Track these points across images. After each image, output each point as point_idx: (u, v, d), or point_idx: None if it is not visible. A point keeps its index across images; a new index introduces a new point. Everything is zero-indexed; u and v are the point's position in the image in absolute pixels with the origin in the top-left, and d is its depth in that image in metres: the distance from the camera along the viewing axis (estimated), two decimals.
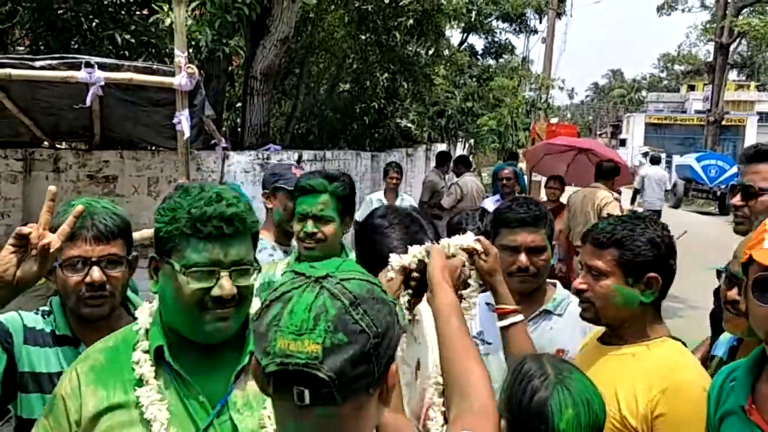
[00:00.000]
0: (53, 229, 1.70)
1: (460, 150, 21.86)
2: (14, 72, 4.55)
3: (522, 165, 14.66)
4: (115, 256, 1.88)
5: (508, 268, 2.32)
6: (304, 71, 13.28)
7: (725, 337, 2.27)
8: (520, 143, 18.98)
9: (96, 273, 1.83)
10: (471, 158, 18.61)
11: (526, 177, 13.28)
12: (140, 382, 1.48)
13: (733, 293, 1.91)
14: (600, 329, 2.06)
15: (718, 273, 2.10)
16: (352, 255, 2.69)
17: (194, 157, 6.56)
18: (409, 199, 7.63)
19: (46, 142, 6.67)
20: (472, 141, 20.58)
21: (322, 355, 0.96)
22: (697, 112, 44.84)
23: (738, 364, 1.66)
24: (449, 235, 2.80)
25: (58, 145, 6.89)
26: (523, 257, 2.36)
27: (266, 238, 3.19)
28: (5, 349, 1.82)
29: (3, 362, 1.80)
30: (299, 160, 7.46)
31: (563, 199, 7.29)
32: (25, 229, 1.54)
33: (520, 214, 2.42)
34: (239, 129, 10.18)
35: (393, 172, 7.27)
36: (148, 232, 4.01)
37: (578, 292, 1.96)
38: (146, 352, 1.52)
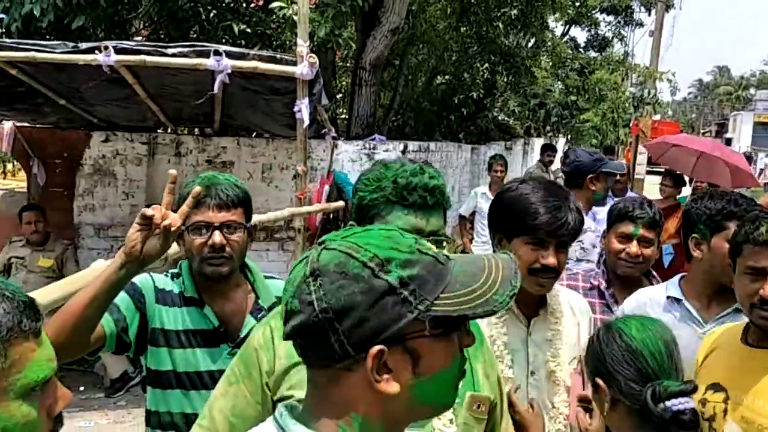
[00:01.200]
0: (180, 200, 1.88)
1: (559, 145, 21.43)
2: (148, 59, 4.76)
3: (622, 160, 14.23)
4: (235, 222, 2.06)
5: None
6: (404, 63, 13.33)
7: None
8: (619, 139, 18.41)
9: (217, 236, 2.02)
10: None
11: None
12: None
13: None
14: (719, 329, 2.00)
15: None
16: None
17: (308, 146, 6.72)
18: None
19: (169, 128, 6.99)
20: (570, 135, 20.12)
21: (285, 317, 0.99)
22: None
23: None
24: (611, 225, 2.77)
25: (180, 131, 7.19)
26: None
27: None
28: (138, 307, 2.03)
29: (137, 319, 2.02)
30: (404, 151, 7.52)
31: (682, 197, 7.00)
32: (149, 211, 1.66)
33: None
34: (337, 120, 10.36)
35: (498, 165, 7.20)
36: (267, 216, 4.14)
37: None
38: None
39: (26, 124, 6.79)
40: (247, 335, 1.97)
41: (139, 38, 8.94)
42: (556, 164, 9.75)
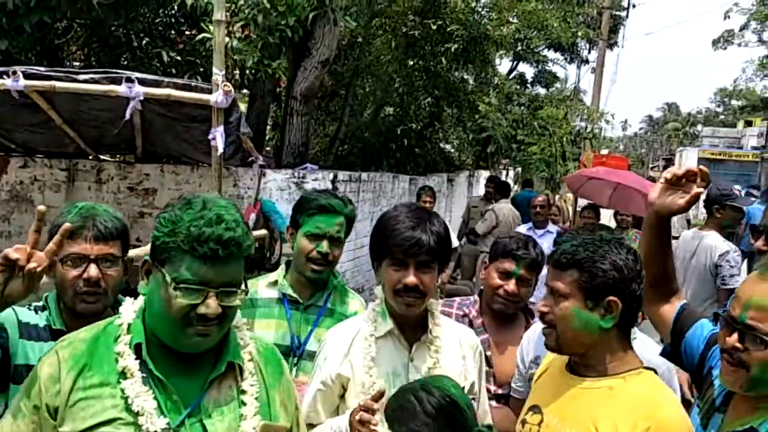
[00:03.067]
0: (53, 229, 1.85)
1: (508, 178, 21.75)
2: (59, 84, 4.75)
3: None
4: (112, 255, 2.01)
5: None
6: (349, 94, 13.45)
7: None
8: (569, 173, 18.79)
9: (93, 270, 1.97)
10: (515, 186, 18.52)
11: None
12: (123, 375, 1.53)
13: (732, 339, 1.72)
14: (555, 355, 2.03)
15: (716, 316, 1.96)
16: (341, 278, 2.73)
17: (231, 174, 6.70)
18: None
19: (90, 154, 6.91)
20: (519, 169, 20.47)
21: None
22: (754, 148, 43.72)
23: None
24: (494, 258, 2.81)
25: (101, 157, 7.11)
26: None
27: None
28: None
29: None
30: (334, 180, 7.55)
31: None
32: (12, 254, 1.61)
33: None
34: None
35: (426, 195, 7.29)
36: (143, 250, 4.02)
37: (541, 315, 1.90)
38: (128, 345, 1.56)
39: None
40: None
41: (76, 63, 8.88)
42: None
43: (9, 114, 5.46)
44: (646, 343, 2.46)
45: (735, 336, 1.71)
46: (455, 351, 2.19)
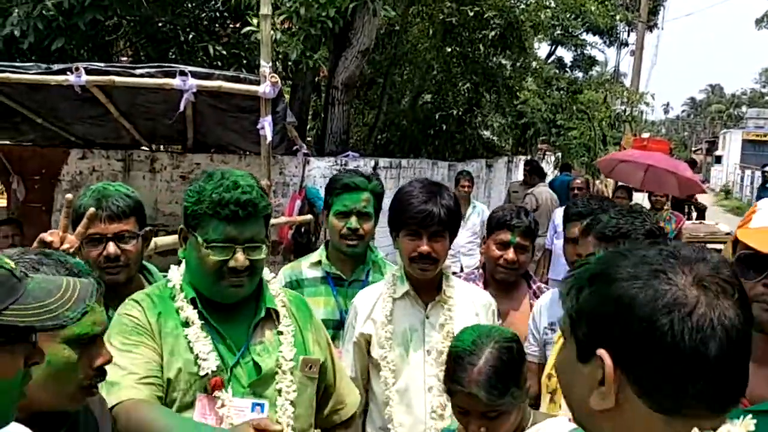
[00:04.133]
0: (74, 213, 2.10)
1: (546, 163, 21.71)
2: (117, 79, 5.02)
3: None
4: (128, 232, 2.21)
5: None
6: (387, 82, 13.62)
7: None
8: None
9: (111, 247, 2.16)
10: (555, 171, 18.48)
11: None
12: (186, 324, 1.82)
13: None
14: None
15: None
16: (379, 253, 2.93)
17: (277, 162, 6.96)
18: (481, 206, 7.78)
19: (144, 145, 7.23)
20: (559, 154, 20.42)
21: None
22: None
23: None
24: (490, 231, 3.00)
25: (155, 148, 7.44)
26: None
27: None
28: None
29: None
30: (375, 167, 7.76)
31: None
32: (47, 237, 1.86)
33: (578, 208, 2.83)
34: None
35: (464, 180, 7.46)
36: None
37: None
38: (185, 300, 1.86)
39: (6, 143, 7.03)
40: None
41: (124, 59, 9.24)
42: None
43: (69, 108, 5.78)
44: None
45: None
46: (468, 309, 2.42)
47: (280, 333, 1.91)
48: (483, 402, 1.65)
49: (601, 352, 0.86)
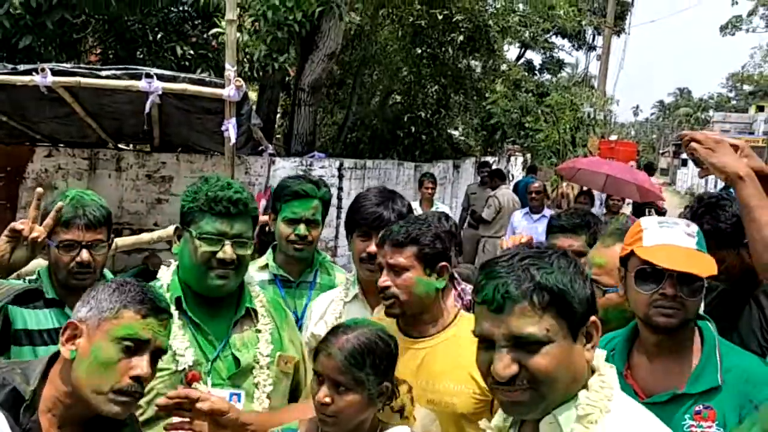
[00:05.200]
0: (46, 214, 2.23)
1: (515, 165, 22.00)
2: (83, 80, 5.11)
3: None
4: (100, 241, 2.30)
5: None
6: (357, 82, 13.76)
7: None
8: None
9: (85, 254, 2.24)
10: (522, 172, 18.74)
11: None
12: None
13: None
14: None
15: None
16: (326, 255, 3.05)
17: (243, 162, 7.08)
18: (444, 207, 7.98)
19: (110, 144, 7.30)
20: (528, 155, 20.67)
21: None
22: (765, 133, 43.54)
23: (614, 335, 1.98)
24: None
25: (121, 147, 7.51)
26: None
27: None
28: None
29: None
30: (340, 168, 7.91)
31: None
32: (18, 225, 2.02)
33: (561, 221, 2.86)
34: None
35: (427, 182, 7.65)
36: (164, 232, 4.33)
37: (382, 290, 2.08)
38: (169, 299, 2.00)
39: None
40: None
41: (92, 57, 9.26)
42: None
43: (35, 107, 5.85)
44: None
45: None
46: None
47: (259, 331, 2.11)
48: (338, 366, 1.68)
49: None
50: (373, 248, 2.39)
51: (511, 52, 22.47)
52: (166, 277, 2.11)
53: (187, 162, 7.17)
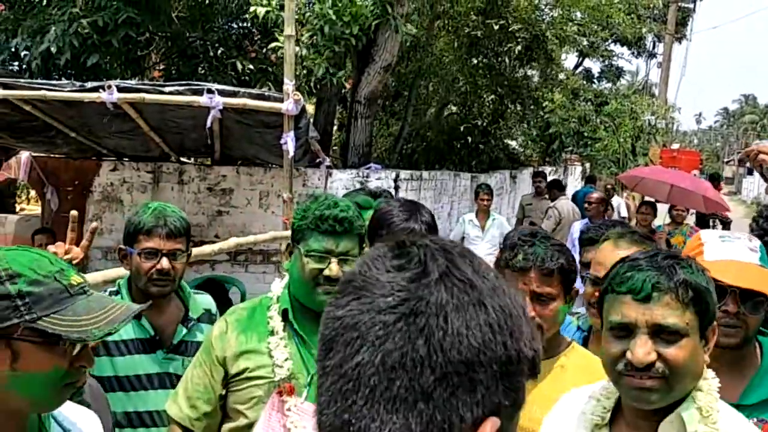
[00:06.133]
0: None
1: (573, 175, 21.64)
2: (147, 96, 5.26)
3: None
4: (180, 250, 2.41)
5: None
6: (412, 94, 13.78)
7: (574, 323, 2.55)
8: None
9: (165, 262, 2.35)
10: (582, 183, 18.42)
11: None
12: (272, 333, 2.06)
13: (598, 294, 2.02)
14: None
15: (582, 278, 2.31)
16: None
17: (300, 174, 7.16)
18: (500, 218, 7.90)
19: (173, 158, 7.48)
20: (587, 165, 20.33)
21: None
22: None
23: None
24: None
25: (183, 160, 7.69)
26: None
27: None
28: None
29: None
30: (396, 179, 7.92)
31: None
32: (52, 248, 2.05)
33: (589, 234, 2.75)
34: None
35: (483, 193, 7.59)
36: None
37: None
38: (277, 311, 2.09)
39: (41, 155, 7.34)
40: (180, 341, 2.46)
41: (156, 73, 9.54)
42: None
43: (101, 123, 6.04)
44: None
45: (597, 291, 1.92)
46: None
47: None
48: None
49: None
50: None
51: (569, 60, 22.18)
52: (276, 288, 2.16)
53: (246, 175, 7.29)
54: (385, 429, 0.63)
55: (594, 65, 25.22)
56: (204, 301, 2.63)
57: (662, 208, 8.31)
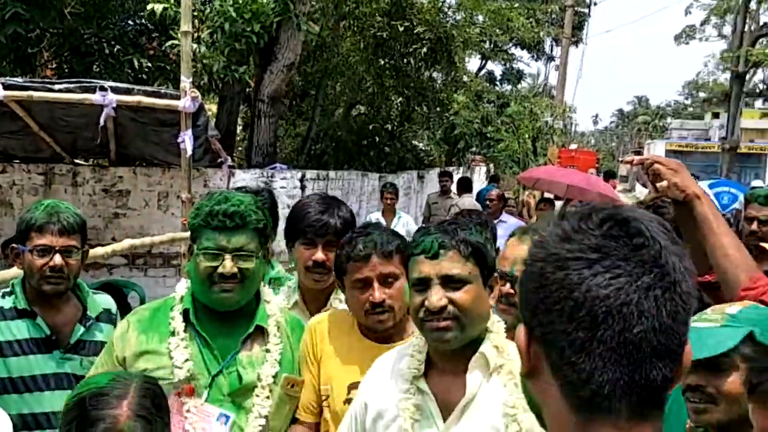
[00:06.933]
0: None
1: (478, 175, 22.15)
2: (35, 94, 5.04)
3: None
4: (73, 247, 2.35)
5: None
6: (320, 94, 13.77)
7: None
8: None
9: (57, 258, 2.30)
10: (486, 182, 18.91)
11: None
12: (173, 333, 2.02)
13: (506, 288, 2.08)
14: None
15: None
16: (279, 268, 2.99)
17: (201, 174, 7.03)
18: (406, 217, 8.01)
19: (66, 159, 7.19)
20: (491, 165, 20.87)
21: None
22: (721, 139, 44.59)
23: None
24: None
25: (77, 161, 7.40)
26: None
27: None
28: None
29: None
30: (302, 179, 7.91)
31: None
32: None
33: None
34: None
35: (387, 192, 7.69)
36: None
37: (377, 305, 2.04)
38: (179, 311, 2.06)
39: None
40: (78, 341, 2.39)
41: (48, 72, 9.13)
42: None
43: None
44: None
45: (508, 285, 2.09)
46: None
47: (268, 350, 2.07)
48: None
49: (519, 327, 0.89)
50: (320, 255, 2.37)
51: (472, 63, 22.70)
52: (180, 289, 2.12)
53: (144, 175, 7.09)
54: (662, 375, 0.81)
55: (496, 68, 25.97)
56: (103, 300, 2.57)
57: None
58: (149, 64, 7.92)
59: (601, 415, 0.81)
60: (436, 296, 1.64)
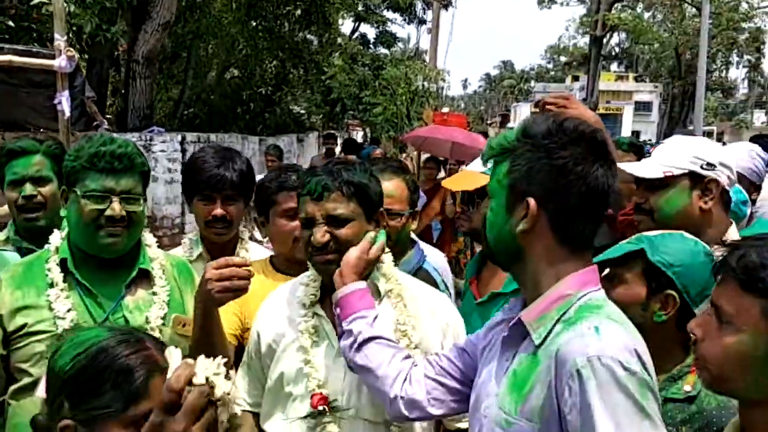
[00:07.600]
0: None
1: (356, 138, 22.36)
2: None
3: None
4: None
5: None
6: (192, 56, 13.40)
7: None
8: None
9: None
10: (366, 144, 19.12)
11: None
12: (51, 285, 1.94)
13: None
14: None
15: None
16: None
17: (76, 138, 6.74)
18: None
19: None
20: (367, 129, 21.10)
21: None
22: (581, 101, 47.15)
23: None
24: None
25: None
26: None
27: None
28: None
29: None
30: (182, 142, 7.77)
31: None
32: None
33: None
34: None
35: (269, 155, 7.74)
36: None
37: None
38: (55, 262, 1.97)
39: None
40: None
41: None
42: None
43: None
44: None
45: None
46: None
47: (155, 293, 2.02)
48: None
49: (529, 198, 1.36)
50: (219, 210, 2.40)
51: (346, 26, 22.74)
52: (55, 240, 2.03)
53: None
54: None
55: (370, 31, 26.10)
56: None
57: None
58: (11, 23, 7.43)
59: (581, 249, 1.39)
60: (320, 233, 1.78)
